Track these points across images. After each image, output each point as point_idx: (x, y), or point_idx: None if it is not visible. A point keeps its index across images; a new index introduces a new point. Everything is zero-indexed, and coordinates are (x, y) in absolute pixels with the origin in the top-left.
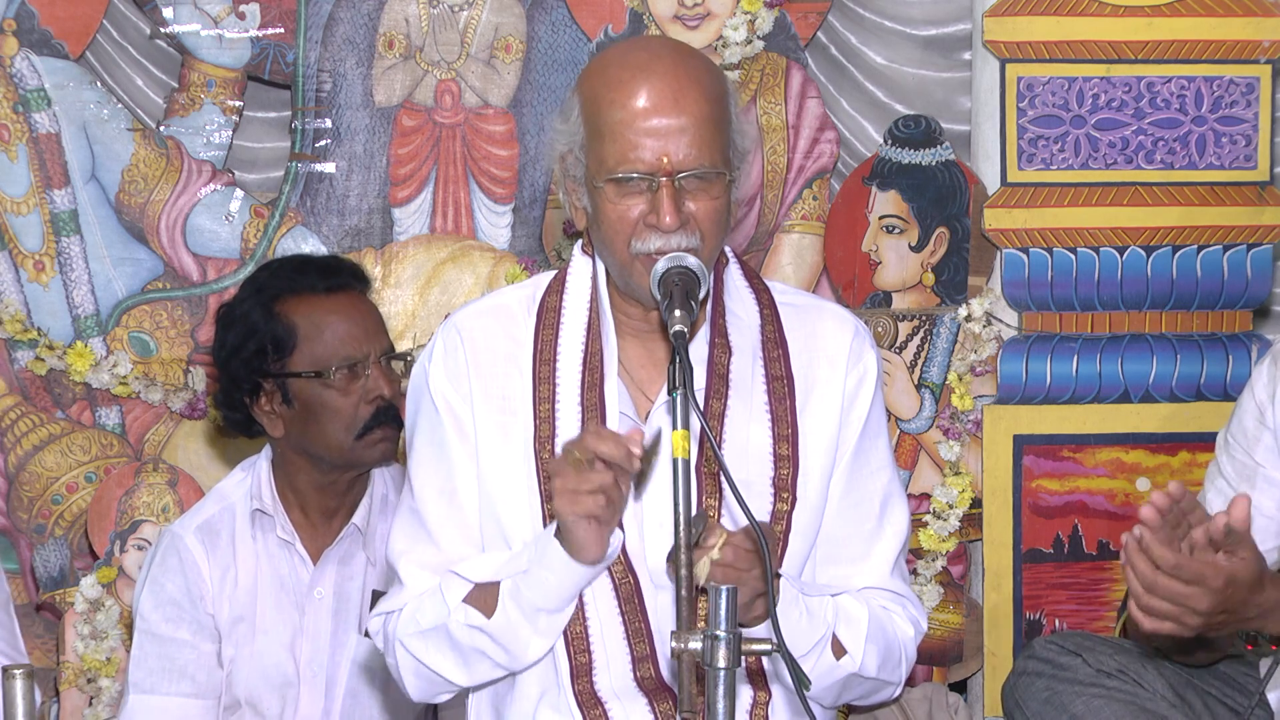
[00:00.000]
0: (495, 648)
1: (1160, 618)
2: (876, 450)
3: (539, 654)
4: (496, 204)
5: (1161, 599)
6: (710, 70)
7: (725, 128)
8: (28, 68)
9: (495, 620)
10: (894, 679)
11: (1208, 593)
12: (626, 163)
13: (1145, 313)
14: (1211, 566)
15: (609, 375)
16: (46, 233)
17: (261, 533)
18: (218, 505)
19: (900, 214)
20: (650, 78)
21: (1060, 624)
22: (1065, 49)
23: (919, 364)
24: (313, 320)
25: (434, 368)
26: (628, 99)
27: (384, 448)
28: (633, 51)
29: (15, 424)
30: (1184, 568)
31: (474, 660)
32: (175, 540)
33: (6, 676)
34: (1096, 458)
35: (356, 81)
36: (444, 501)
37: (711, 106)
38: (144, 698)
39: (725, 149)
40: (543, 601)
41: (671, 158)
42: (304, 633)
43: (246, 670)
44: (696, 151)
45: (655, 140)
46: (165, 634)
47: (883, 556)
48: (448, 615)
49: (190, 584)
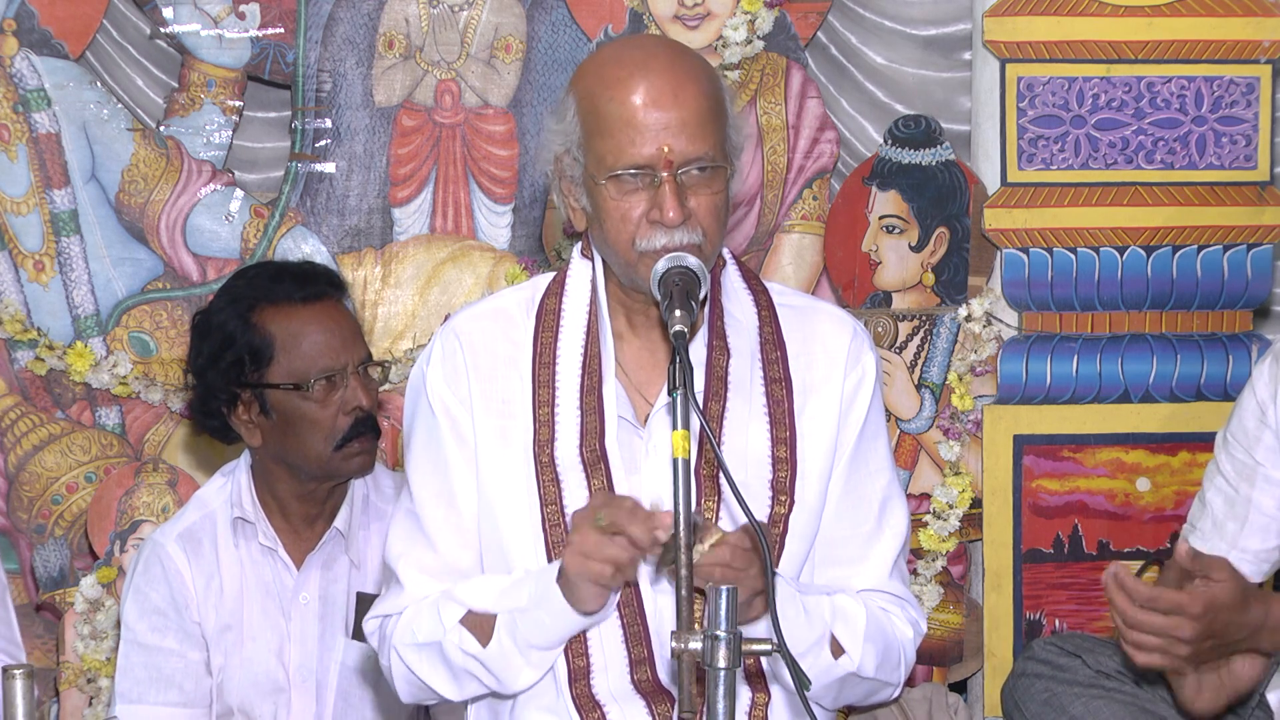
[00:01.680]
0: (487, 674)
1: (1149, 651)
2: (875, 452)
3: (529, 683)
4: (496, 204)
5: (1145, 633)
6: (704, 66)
7: (722, 121)
8: (28, 68)
9: (490, 650)
10: (893, 680)
11: (1189, 621)
12: (627, 158)
13: (1145, 313)
14: (1187, 595)
15: (607, 376)
16: (46, 233)
17: (244, 540)
18: (199, 513)
19: (900, 214)
20: (647, 73)
21: (1060, 624)
22: (1065, 49)
23: (919, 364)
24: (290, 331)
25: (432, 371)
26: (626, 95)
27: (362, 460)
28: (627, 49)
29: (15, 424)
30: (1160, 599)
31: (465, 680)
32: (157, 549)
33: (6, 676)
34: (1096, 458)
35: (356, 81)
36: (442, 505)
37: (708, 100)
38: (132, 708)
39: (723, 142)
40: (537, 640)
41: (673, 149)
42: (291, 638)
43: (237, 678)
44: (697, 144)
45: (655, 134)
46: (151, 643)
47: (881, 558)
48: (443, 635)
49: (175, 592)
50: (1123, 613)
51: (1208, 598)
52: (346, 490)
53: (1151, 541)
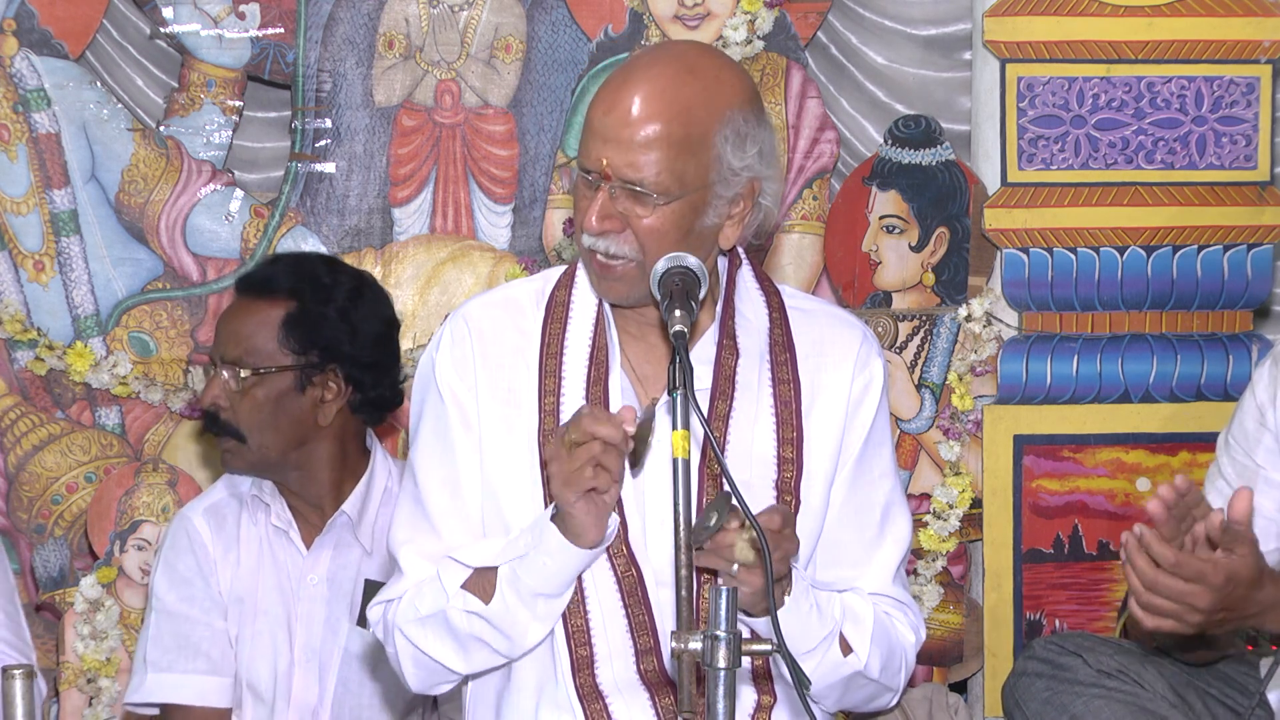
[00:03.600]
0: (494, 633)
1: (1161, 615)
2: (880, 458)
3: (537, 639)
4: (496, 204)
5: (1162, 597)
6: (703, 90)
7: (685, 154)
8: (28, 68)
9: (493, 606)
10: (894, 685)
11: (1208, 590)
12: (582, 155)
13: (1145, 313)
14: (1211, 564)
15: (613, 368)
16: (46, 233)
17: (262, 518)
18: (226, 491)
19: (900, 214)
20: (626, 84)
21: (1060, 624)
22: (1065, 49)
23: (919, 364)
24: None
25: (441, 357)
26: (602, 97)
27: (225, 457)
28: (642, 55)
29: (15, 424)
30: (1184, 565)
31: (472, 647)
32: (184, 522)
33: (6, 676)
34: (1097, 458)
35: (356, 81)
36: (447, 492)
37: (678, 127)
38: (161, 676)
39: (680, 172)
40: (541, 586)
41: (611, 164)
42: (298, 619)
43: (248, 650)
44: (635, 169)
45: (601, 144)
46: (180, 611)
47: (883, 563)
48: (446, 601)
49: (200, 562)
50: (1143, 574)
51: (1229, 568)
52: (362, 474)
53: None
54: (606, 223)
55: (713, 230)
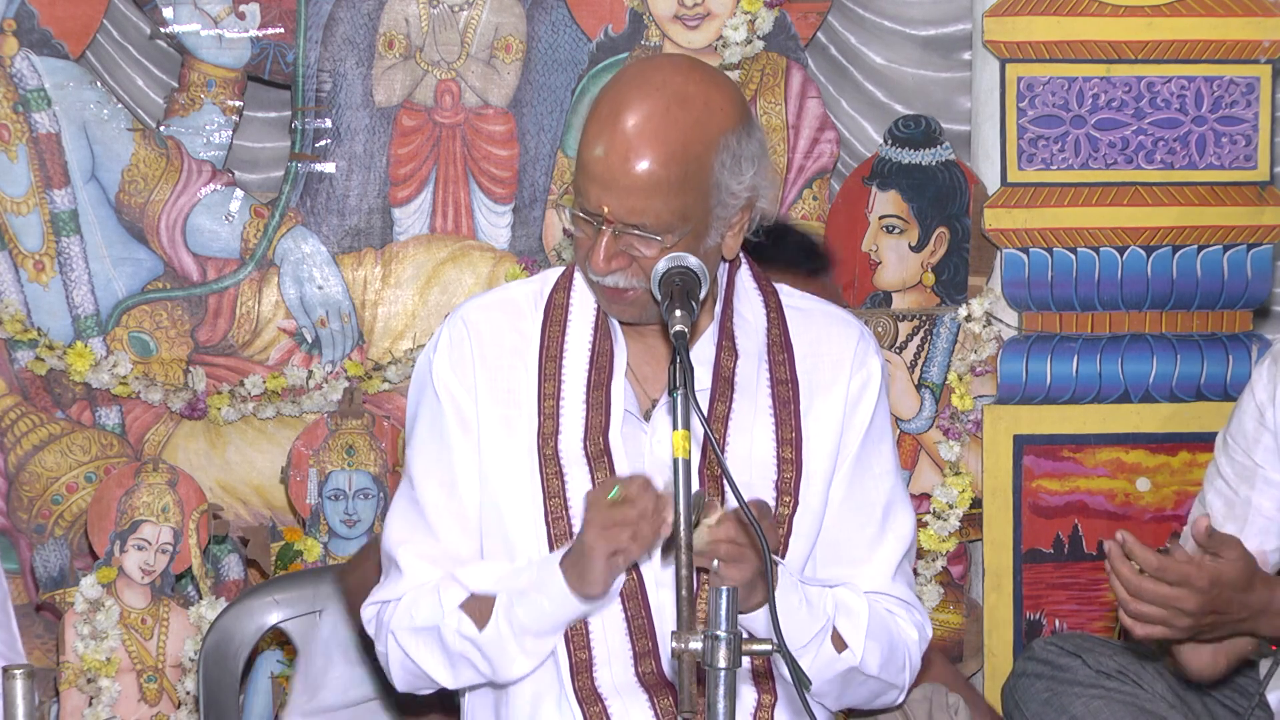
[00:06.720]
0: (481, 659)
1: (1149, 622)
2: (880, 456)
3: (521, 673)
4: (496, 204)
5: (1148, 603)
6: (696, 122)
7: (685, 188)
8: (28, 68)
9: (486, 633)
10: (898, 682)
11: (1194, 593)
12: (580, 197)
13: (1145, 313)
14: (1195, 566)
15: (617, 374)
16: (46, 233)
17: None
18: None
19: (900, 214)
20: (616, 126)
21: (1060, 624)
22: (1065, 49)
23: (919, 364)
24: None
25: (439, 358)
26: (594, 140)
27: None
28: (629, 83)
29: (15, 424)
30: (1168, 569)
31: (461, 665)
32: None
33: (6, 676)
34: (1096, 458)
35: (356, 81)
36: (444, 493)
37: (676, 167)
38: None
39: (681, 209)
40: (534, 625)
41: (612, 210)
42: None
43: None
44: (637, 214)
45: (600, 190)
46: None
47: (884, 560)
48: (441, 618)
49: None
50: (1126, 581)
51: (1214, 571)
52: None
53: (1152, 541)
54: (614, 262)
55: (716, 248)
